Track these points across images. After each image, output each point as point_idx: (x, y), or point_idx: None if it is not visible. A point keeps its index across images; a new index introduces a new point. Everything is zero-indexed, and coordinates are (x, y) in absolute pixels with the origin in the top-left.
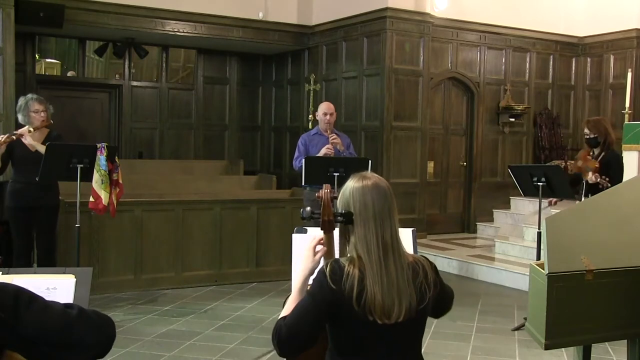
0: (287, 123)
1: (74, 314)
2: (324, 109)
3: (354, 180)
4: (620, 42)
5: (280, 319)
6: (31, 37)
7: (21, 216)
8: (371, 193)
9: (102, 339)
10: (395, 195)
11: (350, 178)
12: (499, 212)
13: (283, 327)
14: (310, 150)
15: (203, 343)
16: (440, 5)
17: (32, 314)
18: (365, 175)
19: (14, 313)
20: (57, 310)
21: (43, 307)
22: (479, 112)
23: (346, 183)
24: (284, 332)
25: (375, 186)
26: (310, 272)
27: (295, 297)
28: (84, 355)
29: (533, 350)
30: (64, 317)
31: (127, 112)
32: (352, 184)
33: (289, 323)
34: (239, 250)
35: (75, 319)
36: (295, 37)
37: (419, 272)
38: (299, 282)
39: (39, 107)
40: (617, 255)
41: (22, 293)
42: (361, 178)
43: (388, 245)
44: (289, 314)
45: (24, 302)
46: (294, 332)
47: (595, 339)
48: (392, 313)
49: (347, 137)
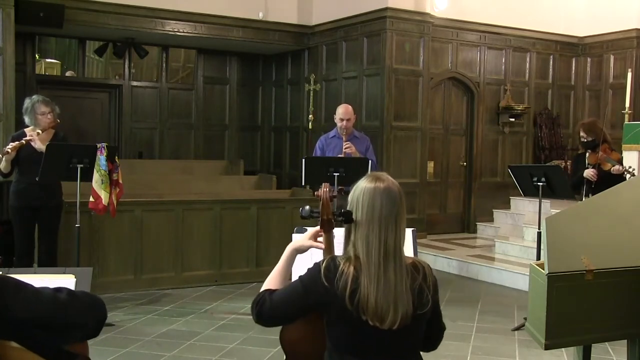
0: (287, 123)
1: (63, 296)
2: (341, 114)
3: (367, 180)
4: (620, 42)
5: (265, 291)
6: (31, 37)
7: (24, 216)
8: (381, 196)
9: (93, 319)
10: None
11: (364, 177)
12: (499, 212)
13: (267, 302)
14: (326, 153)
15: (203, 343)
16: (440, 5)
17: (21, 300)
18: (379, 176)
19: (1, 301)
20: (46, 295)
21: (32, 293)
22: (479, 112)
23: (359, 181)
24: (267, 307)
25: (387, 189)
26: (298, 249)
27: (280, 269)
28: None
29: (533, 350)
30: (54, 300)
31: (127, 112)
32: (364, 183)
33: (274, 300)
34: (239, 250)
35: (65, 302)
36: (295, 37)
37: (418, 274)
38: (285, 254)
39: (46, 110)
40: (617, 255)
41: (6, 281)
42: (374, 179)
43: (390, 251)
44: (276, 292)
45: (11, 290)
46: (275, 310)
47: (595, 339)
48: (386, 318)
49: (367, 139)
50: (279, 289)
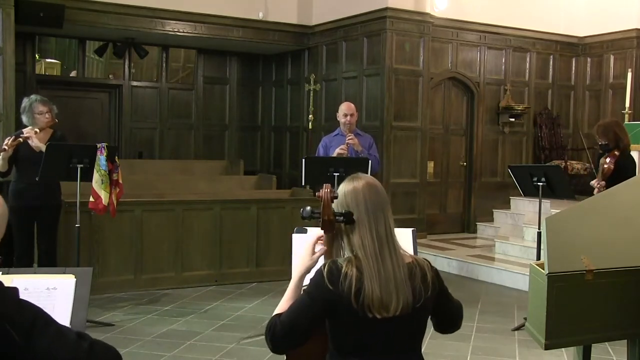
0: (287, 123)
1: (85, 347)
2: (344, 110)
3: (346, 182)
4: (620, 42)
5: (275, 315)
6: (31, 37)
7: (23, 216)
8: (363, 191)
9: None
10: (395, 195)
11: (343, 182)
12: (499, 212)
13: (278, 324)
14: (330, 152)
15: (203, 343)
16: (440, 5)
17: (44, 340)
18: (356, 176)
19: (27, 335)
20: (69, 341)
21: (56, 334)
22: (479, 112)
23: (339, 186)
24: (279, 329)
25: (367, 185)
26: (307, 270)
27: (291, 294)
28: None
29: (533, 350)
30: (74, 349)
31: (127, 112)
32: (344, 187)
33: (284, 321)
34: (239, 250)
35: (84, 354)
36: (295, 37)
37: (416, 273)
38: (295, 279)
39: (43, 109)
40: (617, 255)
41: (40, 316)
42: (352, 179)
43: (383, 239)
44: (284, 312)
45: (40, 326)
46: (288, 329)
47: (595, 339)
48: (390, 306)
49: (369, 138)
50: (286, 310)
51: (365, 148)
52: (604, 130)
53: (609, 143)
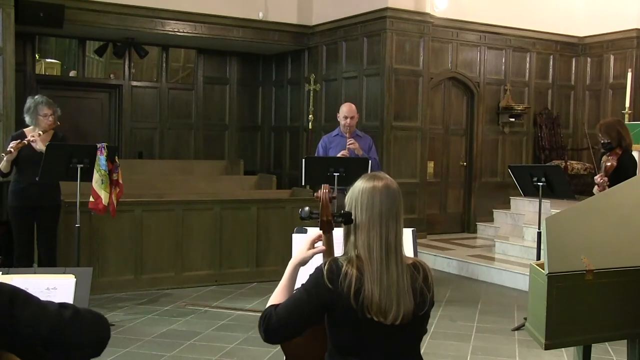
0: (287, 123)
1: (68, 314)
2: (345, 112)
3: (365, 179)
4: (620, 42)
5: (271, 306)
6: (31, 37)
7: (23, 216)
8: (380, 194)
9: (97, 339)
10: None
11: (361, 177)
12: (499, 212)
13: (273, 316)
14: (329, 152)
15: (203, 343)
16: (440, 5)
17: (27, 314)
18: (377, 175)
19: (9, 312)
20: (52, 311)
21: (38, 307)
22: (479, 112)
23: (357, 181)
24: (274, 322)
25: (386, 187)
26: (301, 262)
27: (284, 284)
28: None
29: (533, 350)
30: (58, 317)
31: (127, 112)
32: (361, 183)
33: (280, 313)
34: (239, 250)
35: (70, 319)
36: (295, 37)
37: (419, 274)
38: (289, 270)
39: (48, 112)
40: (617, 255)
41: (17, 293)
42: (372, 178)
43: (391, 247)
44: (281, 304)
45: (20, 302)
46: (283, 323)
47: (595, 339)
48: (389, 314)
49: (369, 139)
50: (283, 302)
51: (365, 150)
52: (607, 128)
53: (611, 141)
